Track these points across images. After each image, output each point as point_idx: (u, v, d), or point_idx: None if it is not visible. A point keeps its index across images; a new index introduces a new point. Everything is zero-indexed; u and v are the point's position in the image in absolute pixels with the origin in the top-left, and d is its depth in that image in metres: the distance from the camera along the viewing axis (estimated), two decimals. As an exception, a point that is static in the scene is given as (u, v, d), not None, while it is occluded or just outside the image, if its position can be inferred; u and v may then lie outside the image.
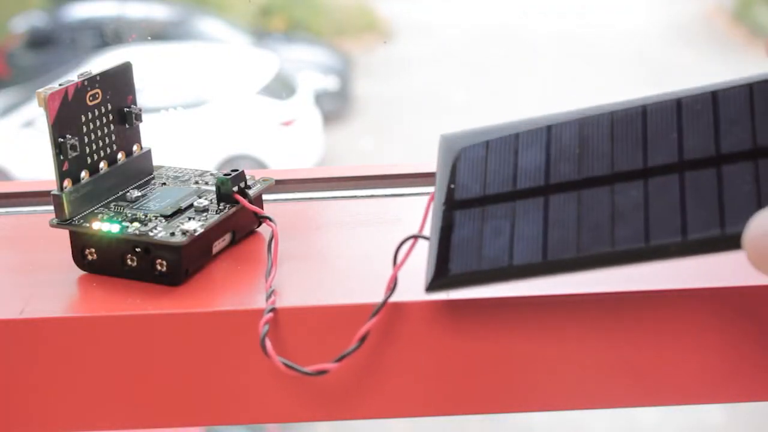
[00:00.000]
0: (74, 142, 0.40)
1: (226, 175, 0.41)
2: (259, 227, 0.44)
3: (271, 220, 0.41)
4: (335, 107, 3.85)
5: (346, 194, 0.49)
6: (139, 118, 0.44)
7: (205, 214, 0.41)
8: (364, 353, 0.37)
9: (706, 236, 0.32)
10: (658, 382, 0.38)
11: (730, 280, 0.37)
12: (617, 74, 3.93)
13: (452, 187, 0.37)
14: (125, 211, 0.41)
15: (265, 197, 0.45)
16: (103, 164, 0.42)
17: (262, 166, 3.13)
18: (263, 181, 0.44)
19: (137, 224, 0.40)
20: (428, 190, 0.38)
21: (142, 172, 0.45)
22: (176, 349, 0.38)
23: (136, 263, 0.40)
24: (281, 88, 3.44)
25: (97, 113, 0.41)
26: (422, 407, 0.39)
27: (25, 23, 3.76)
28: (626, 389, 0.38)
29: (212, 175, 0.45)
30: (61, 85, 0.40)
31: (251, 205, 0.42)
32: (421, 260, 0.37)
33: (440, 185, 0.37)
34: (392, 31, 4.74)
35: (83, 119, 0.41)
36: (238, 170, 0.42)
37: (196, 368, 0.38)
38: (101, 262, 0.40)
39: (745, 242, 0.30)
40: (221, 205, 0.42)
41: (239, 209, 0.42)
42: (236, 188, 0.41)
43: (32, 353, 0.38)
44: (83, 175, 0.41)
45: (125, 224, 0.40)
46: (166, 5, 3.92)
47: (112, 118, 0.42)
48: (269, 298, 0.37)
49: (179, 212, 0.41)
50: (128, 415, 0.39)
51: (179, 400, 0.39)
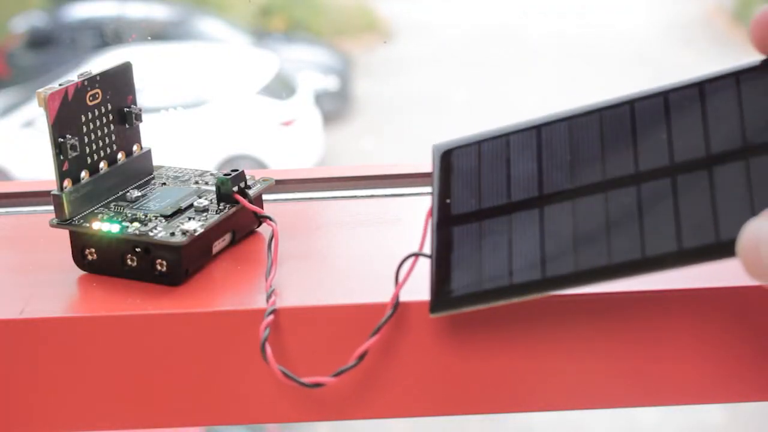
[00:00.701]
0: (74, 142, 0.40)
1: (226, 175, 0.41)
2: (259, 227, 0.44)
3: (271, 219, 0.41)
4: (335, 107, 3.85)
5: (346, 194, 0.49)
6: (139, 118, 0.44)
7: (205, 214, 0.41)
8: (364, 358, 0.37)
9: (701, 245, 0.32)
10: (658, 382, 0.38)
11: (730, 280, 0.37)
12: (617, 74, 3.93)
13: (448, 202, 0.37)
14: (125, 211, 0.41)
15: (265, 197, 0.45)
16: (103, 164, 0.42)
17: (262, 166, 3.13)
18: (263, 181, 0.44)
19: (137, 224, 0.40)
20: (428, 190, 0.38)
21: (142, 172, 0.45)
22: (176, 349, 0.38)
23: (136, 263, 0.40)
24: (281, 88, 3.44)
25: (97, 113, 0.41)
26: (422, 408, 0.39)
27: (25, 23, 3.77)
28: (626, 389, 0.38)
29: (212, 175, 0.45)
30: (61, 85, 0.40)
31: (251, 205, 0.42)
32: (417, 269, 0.37)
33: (437, 200, 0.37)
34: (392, 31, 4.74)
35: (83, 119, 0.41)
36: (238, 170, 0.42)
37: (196, 368, 0.38)
38: (101, 262, 0.40)
39: (738, 253, 0.30)
40: (221, 205, 0.42)
41: (239, 209, 0.42)
42: (236, 188, 0.41)
43: (32, 353, 0.38)
44: (83, 175, 0.41)
45: (125, 224, 0.40)
46: (166, 5, 3.92)
47: (112, 118, 0.42)
48: (269, 298, 0.37)
49: (179, 212, 0.41)
50: (128, 415, 0.39)
51: (179, 400, 0.39)
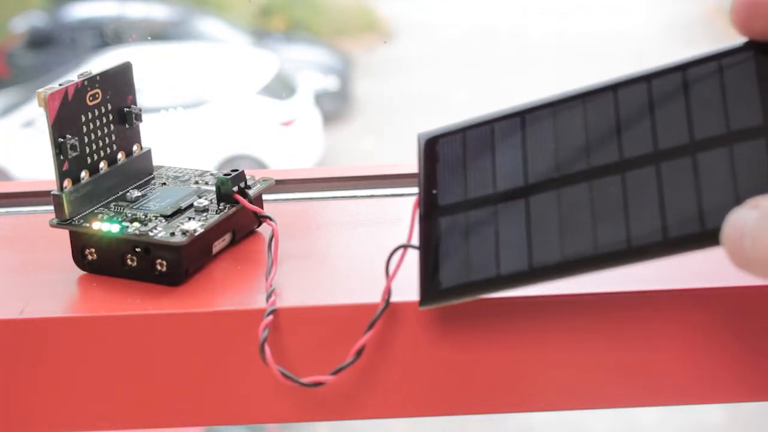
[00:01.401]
0: (74, 142, 0.40)
1: (226, 175, 0.41)
2: (259, 227, 0.44)
3: (271, 219, 0.41)
4: (335, 107, 3.85)
5: (346, 194, 0.49)
6: (139, 118, 0.44)
7: (205, 214, 0.41)
8: (362, 355, 0.37)
9: (686, 234, 0.32)
10: (657, 382, 0.38)
11: (729, 280, 0.37)
12: (617, 74, 3.92)
13: (435, 192, 0.37)
14: (125, 211, 0.41)
15: (265, 197, 0.45)
16: (103, 164, 0.42)
17: (262, 166, 3.13)
18: (263, 181, 0.44)
19: (137, 224, 0.40)
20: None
21: (142, 172, 0.45)
22: (176, 349, 0.38)
23: (136, 263, 0.40)
24: (281, 88, 3.44)
25: (97, 113, 0.41)
26: (421, 407, 0.39)
27: (25, 23, 3.76)
28: (626, 389, 0.38)
29: (212, 175, 0.45)
30: (61, 85, 0.40)
31: (251, 205, 0.42)
32: (411, 264, 0.37)
33: (424, 190, 0.37)
34: (392, 31, 4.74)
35: (83, 119, 0.41)
36: (238, 170, 0.42)
37: (196, 368, 0.38)
38: (101, 262, 0.40)
39: (723, 242, 0.30)
40: (221, 205, 0.42)
41: (239, 209, 0.42)
42: (236, 188, 0.41)
43: (32, 353, 0.38)
44: (83, 175, 0.41)
45: (125, 224, 0.40)
46: (166, 5, 3.92)
47: (112, 118, 0.42)
48: (269, 298, 0.37)
49: (179, 212, 0.41)
50: (128, 415, 0.39)
51: (179, 400, 0.39)
